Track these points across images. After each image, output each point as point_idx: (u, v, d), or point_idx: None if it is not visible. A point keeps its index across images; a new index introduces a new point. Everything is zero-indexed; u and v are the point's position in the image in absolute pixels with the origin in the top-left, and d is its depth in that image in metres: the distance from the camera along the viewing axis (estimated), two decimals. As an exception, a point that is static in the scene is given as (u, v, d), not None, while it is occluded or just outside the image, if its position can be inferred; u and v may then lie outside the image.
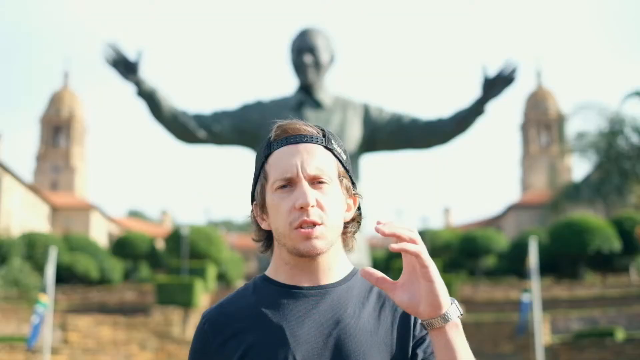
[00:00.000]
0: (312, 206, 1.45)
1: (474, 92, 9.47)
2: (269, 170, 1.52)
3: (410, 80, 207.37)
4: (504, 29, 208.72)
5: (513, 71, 9.35)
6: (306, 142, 1.51)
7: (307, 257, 1.48)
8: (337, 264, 1.54)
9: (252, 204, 1.59)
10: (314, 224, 1.45)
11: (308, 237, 1.45)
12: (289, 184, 1.48)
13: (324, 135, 1.54)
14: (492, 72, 9.36)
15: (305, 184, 1.47)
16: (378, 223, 1.28)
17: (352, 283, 1.54)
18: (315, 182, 1.48)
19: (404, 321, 1.50)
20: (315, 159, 1.49)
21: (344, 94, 10.46)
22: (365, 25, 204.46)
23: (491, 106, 9.55)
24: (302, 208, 1.45)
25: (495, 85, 9.34)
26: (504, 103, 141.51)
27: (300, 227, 1.45)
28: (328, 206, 1.48)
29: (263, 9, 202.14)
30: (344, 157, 1.56)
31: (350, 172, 1.57)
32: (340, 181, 1.53)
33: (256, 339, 1.47)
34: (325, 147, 1.53)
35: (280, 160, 1.50)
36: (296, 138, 1.51)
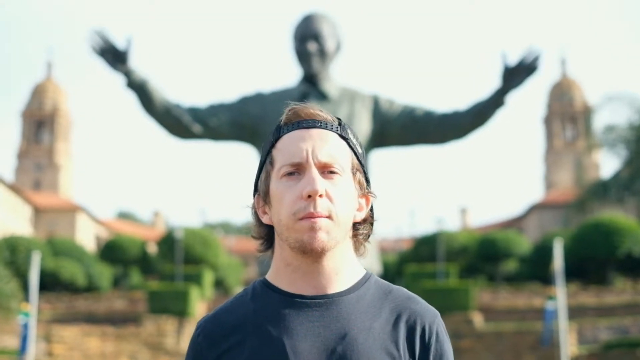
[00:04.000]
0: (321, 195, 1.43)
1: (494, 83, 9.47)
2: (276, 155, 1.50)
3: (429, 72, 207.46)
4: (526, 14, 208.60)
5: (536, 59, 9.33)
6: (319, 127, 1.50)
7: (311, 255, 1.45)
8: (345, 268, 1.51)
9: (254, 197, 1.57)
10: (321, 217, 1.43)
11: (312, 228, 1.42)
12: (297, 171, 1.46)
13: (339, 124, 1.52)
14: (513, 60, 9.34)
15: (314, 171, 1.45)
16: None
17: (362, 292, 1.50)
18: (325, 171, 1.46)
19: (419, 339, 1.48)
20: (327, 146, 1.48)
21: (352, 84, 10.46)
22: (373, 19, 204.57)
23: (512, 97, 9.54)
24: (309, 197, 1.42)
25: (517, 74, 9.32)
26: (526, 94, 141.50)
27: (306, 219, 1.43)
28: (338, 199, 1.45)
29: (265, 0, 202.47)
30: (360, 150, 1.54)
31: (365, 167, 1.55)
32: (354, 174, 1.51)
33: (254, 354, 1.45)
34: (340, 136, 1.51)
35: (290, 145, 1.48)
36: (309, 122, 1.50)
